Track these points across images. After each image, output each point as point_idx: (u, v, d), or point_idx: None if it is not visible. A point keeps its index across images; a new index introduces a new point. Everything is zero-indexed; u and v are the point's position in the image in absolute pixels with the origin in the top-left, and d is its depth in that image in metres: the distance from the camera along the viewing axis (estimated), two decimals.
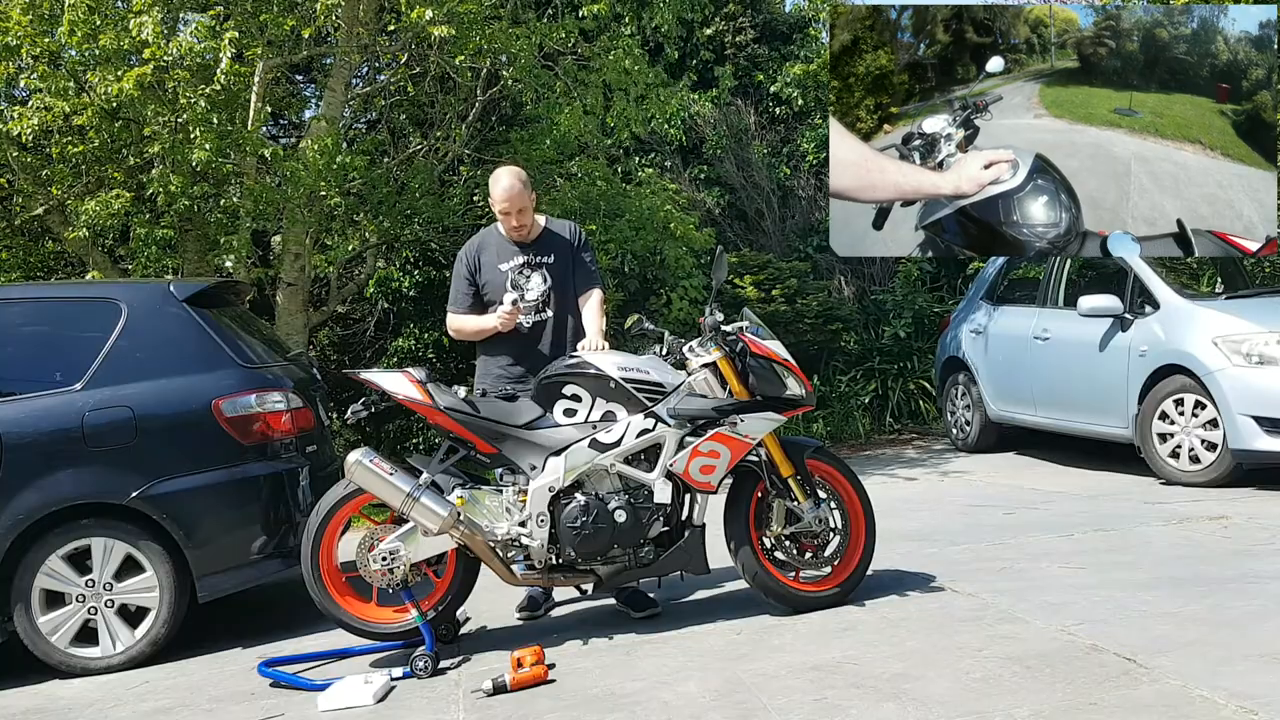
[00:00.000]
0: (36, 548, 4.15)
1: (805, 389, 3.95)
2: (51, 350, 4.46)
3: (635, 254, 8.40)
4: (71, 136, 7.26)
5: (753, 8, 11.84)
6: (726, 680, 3.30)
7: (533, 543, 3.77)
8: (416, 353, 10.19)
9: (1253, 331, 5.72)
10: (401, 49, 8.09)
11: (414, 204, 8.04)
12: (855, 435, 9.27)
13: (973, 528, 5.28)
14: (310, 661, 4.00)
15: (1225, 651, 3.14)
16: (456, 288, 4.35)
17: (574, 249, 4.32)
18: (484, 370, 4.34)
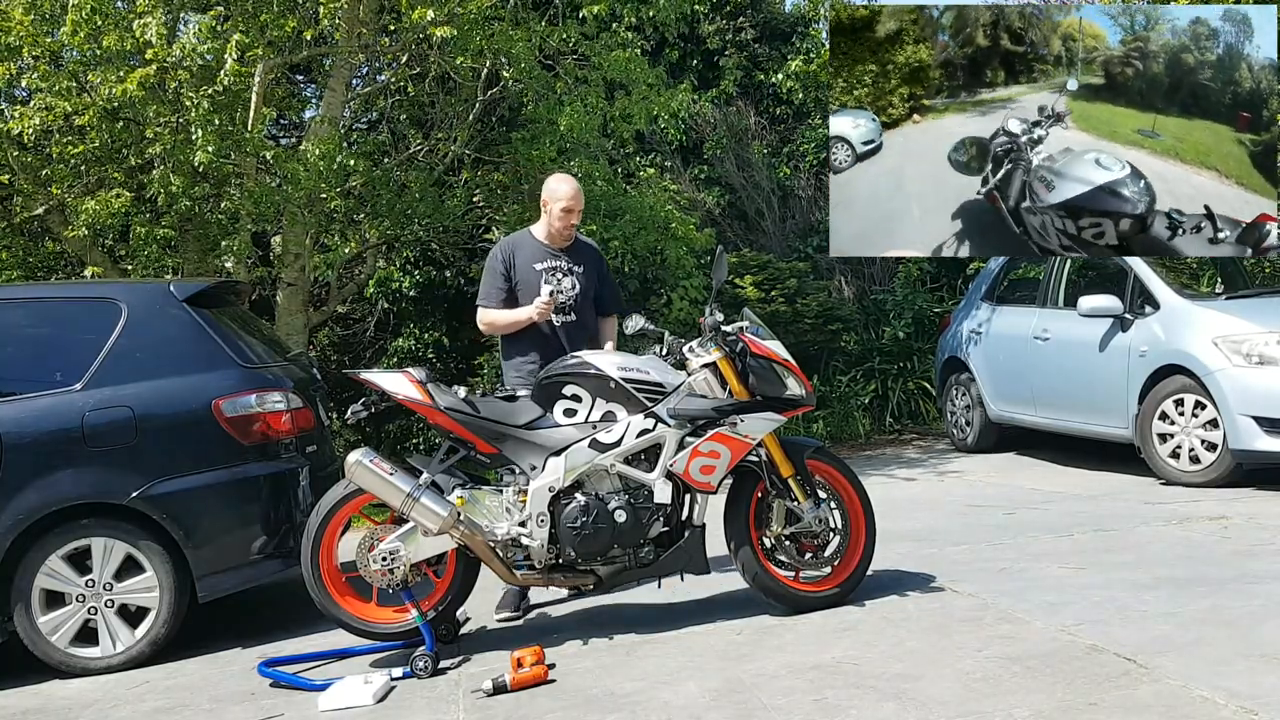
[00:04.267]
0: (36, 548, 4.15)
1: (805, 389, 3.95)
2: (52, 350, 4.46)
3: (635, 254, 8.40)
4: (72, 136, 7.26)
5: (753, 7, 11.83)
6: (726, 680, 3.30)
7: (533, 543, 3.77)
8: (416, 353, 10.19)
9: (1253, 332, 5.71)
10: (402, 49, 8.09)
11: (414, 205, 8.04)
12: (855, 435, 9.27)
13: (973, 528, 5.28)
14: (310, 661, 4.00)
15: (1225, 651, 3.14)
16: (490, 283, 4.39)
17: (602, 267, 4.54)
18: (509, 368, 4.43)
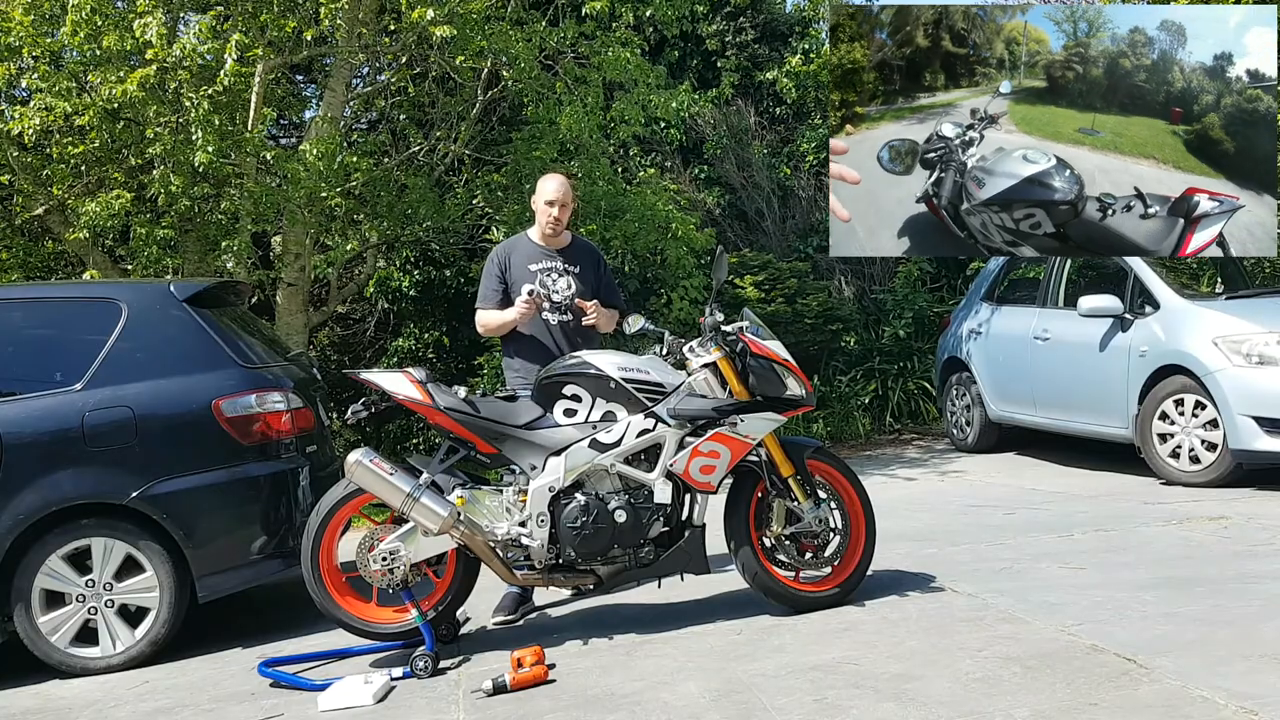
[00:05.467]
0: (36, 548, 4.15)
1: (805, 389, 3.95)
2: (52, 350, 4.46)
3: (635, 254, 8.40)
4: (72, 137, 7.26)
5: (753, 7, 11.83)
6: (726, 680, 3.30)
7: (533, 543, 3.77)
8: (416, 353, 10.19)
9: (1253, 332, 5.72)
10: (402, 49, 8.09)
11: (414, 205, 8.04)
12: (855, 435, 9.27)
13: (973, 528, 5.28)
14: (310, 661, 4.00)
15: (1225, 651, 3.14)
16: (486, 285, 4.41)
17: (600, 267, 4.52)
18: (508, 369, 4.44)
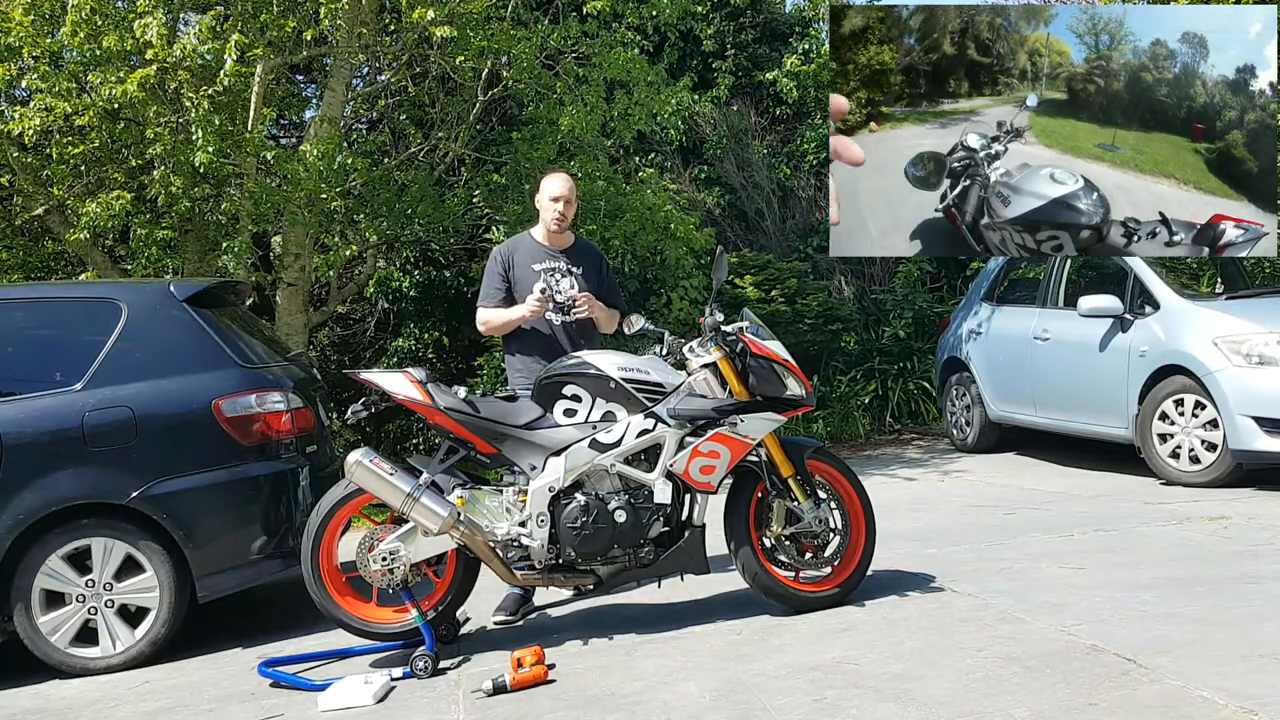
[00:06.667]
0: (36, 548, 4.15)
1: (805, 389, 3.95)
2: (52, 350, 4.46)
3: (635, 254, 8.40)
4: (72, 137, 7.26)
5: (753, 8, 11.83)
6: (726, 680, 3.30)
7: (533, 543, 3.77)
8: (416, 353, 10.20)
9: (1253, 332, 5.72)
10: (402, 49, 8.09)
11: (414, 205, 8.04)
12: (855, 435, 9.27)
13: (973, 528, 5.28)
14: (310, 661, 4.00)
15: (1225, 651, 3.14)
16: (489, 284, 4.42)
17: (603, 269, 4.53)
18: (510, 367, 4.45)
